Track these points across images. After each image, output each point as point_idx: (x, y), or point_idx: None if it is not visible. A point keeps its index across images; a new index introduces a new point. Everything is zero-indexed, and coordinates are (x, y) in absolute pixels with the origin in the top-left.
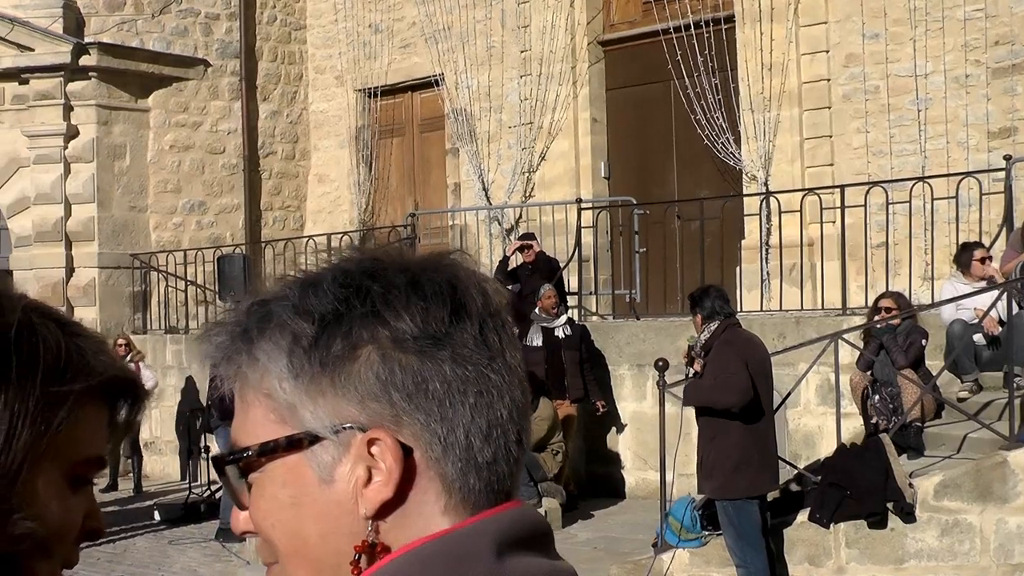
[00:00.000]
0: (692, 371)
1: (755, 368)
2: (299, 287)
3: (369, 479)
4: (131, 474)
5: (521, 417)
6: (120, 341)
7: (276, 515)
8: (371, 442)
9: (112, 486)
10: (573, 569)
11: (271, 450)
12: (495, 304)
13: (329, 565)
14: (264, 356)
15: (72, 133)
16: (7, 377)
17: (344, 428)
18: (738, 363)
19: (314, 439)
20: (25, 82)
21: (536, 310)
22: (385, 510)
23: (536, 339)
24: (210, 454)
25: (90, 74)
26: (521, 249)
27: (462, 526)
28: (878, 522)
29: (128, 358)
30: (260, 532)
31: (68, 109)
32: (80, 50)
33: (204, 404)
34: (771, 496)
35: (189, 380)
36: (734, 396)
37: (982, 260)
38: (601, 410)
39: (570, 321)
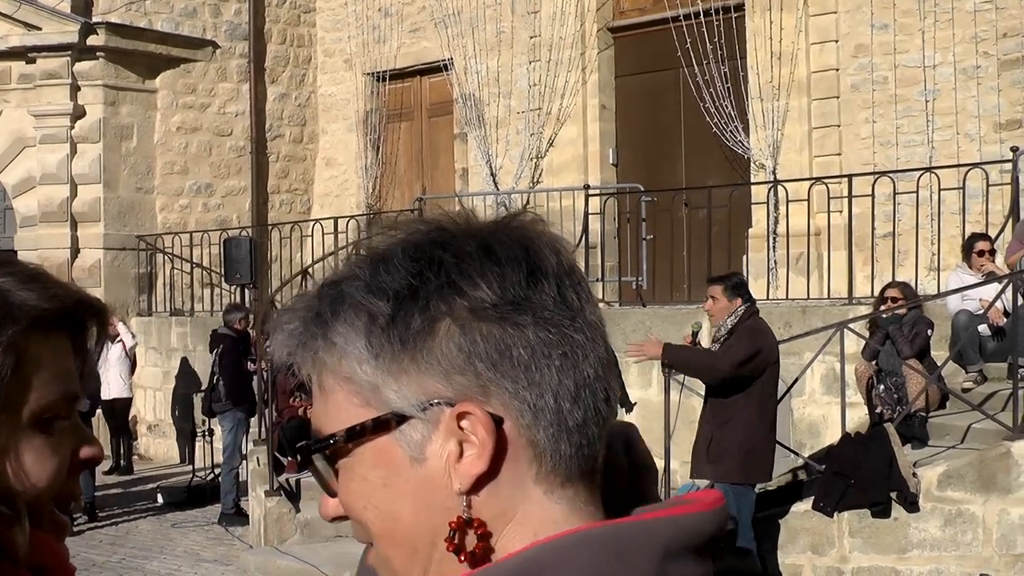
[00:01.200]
0: None
1: (772, 361)
2: (369, 265)
3: (461, 453)
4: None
5: (607, 374)
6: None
7: (369, 497)
8: (460, 416)
9: (115, 467)
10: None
11: (358, 434)
12: (568, 262)
13: (425, 543)
14: (341, 339)
15: (79, 113)
16: None
17: (431, 405)
18: (754, 350)
19: (401, 419)
20: (32, 61)
21: None
22: (480, 483)
23: None
24: (212, 436)
25: (98, 54)
26: None
27: (640, 519)
28: (881, 511)
29: (117, 338)
30: (353, 515)
31: (75, 89)
32: (88, 30)
33: (202, 387)
34: (775, 484)
35: (184, 362)
36: (724, 364)
37: (980, 253)
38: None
39: None
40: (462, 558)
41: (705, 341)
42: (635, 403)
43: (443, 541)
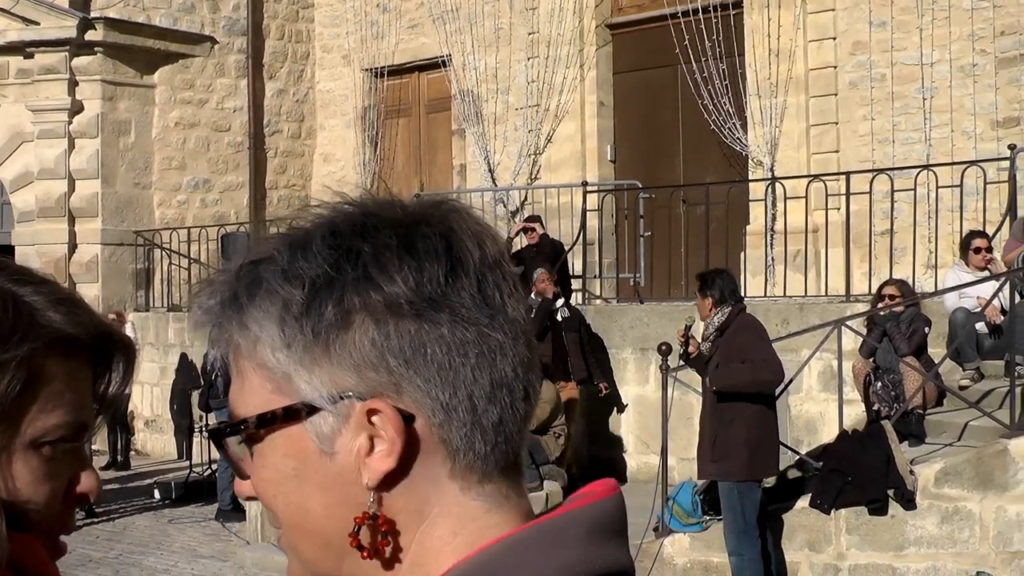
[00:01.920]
0: (685, 352)
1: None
2: (288, 248)
3: (372, 448)
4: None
5: (527, 372)
6: (110, 316)
7: (279, 486)
8: (371, 412)
9: (112, 463)
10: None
11: (269, 421)
12: (493, 255)
13: (337, 537)
14: (255, 325)
15: (77, 108)
16: None
17: (342, 398)
18: (767, 341)
19: (312, 410)
20: (30, 56)
21: (532, 295)
22: (389, 480)
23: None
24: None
25: (96, 49)
26: (524, 231)
27: (558, 513)
28: (879, 509)
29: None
30: (264, 502)
31: (73, 84)
32: (86, 25)
33: (200, 382)
34: (770, 482)
35: (183, 357)
36: (771, 374)
37: (976, 251)
38: (604, 391)
39: (567, 305)
40: (364, 554)
41: (698, 336)
42: (627, 405)
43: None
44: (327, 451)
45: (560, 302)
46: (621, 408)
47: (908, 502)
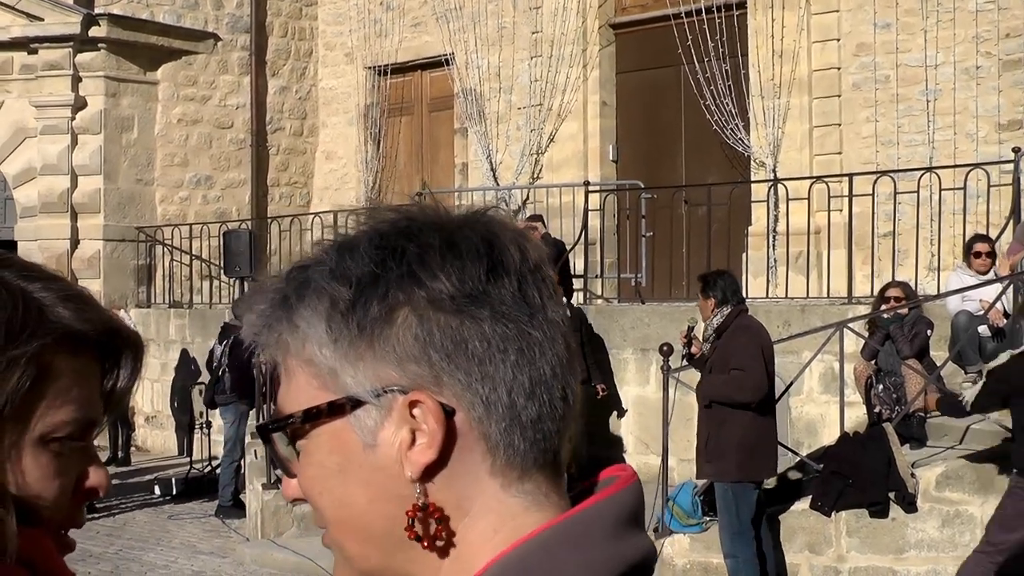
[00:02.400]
0: (688, 353)
1: (766, 356)
2: (336, 251)
3: (413, 441)
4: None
5: (566, 373)
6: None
7: (324, 482)
8: (412, 404)
9: (112, 458)
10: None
11: (314, 416)
12: (534, 259)
13: (378, 531)
14: (303, 322)
15: (80, 104)
16: None
17: (385, 391)
18: (755, 351)
19: (356, 403)
20: (34, 52)
21: None
22: (430, 472)
23: None
24: (211, 429)
25: (99, 45)
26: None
27: (583, 508)
28: (879, 511)
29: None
30: (310, 500)
31: (76, 80)
32: (90, 21)
33: (200, 379)
34: (771, 483)
35: (183, 354)
36: (750, 393)
37: (977, 255)
38: (601, 394)
39: (569, 305)
40: (425, 544)
41: (700, 337)
42: (627, 410)
43: (398, 530)
44: (370, 444)
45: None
46: (621, 412)
47: (909, 505)
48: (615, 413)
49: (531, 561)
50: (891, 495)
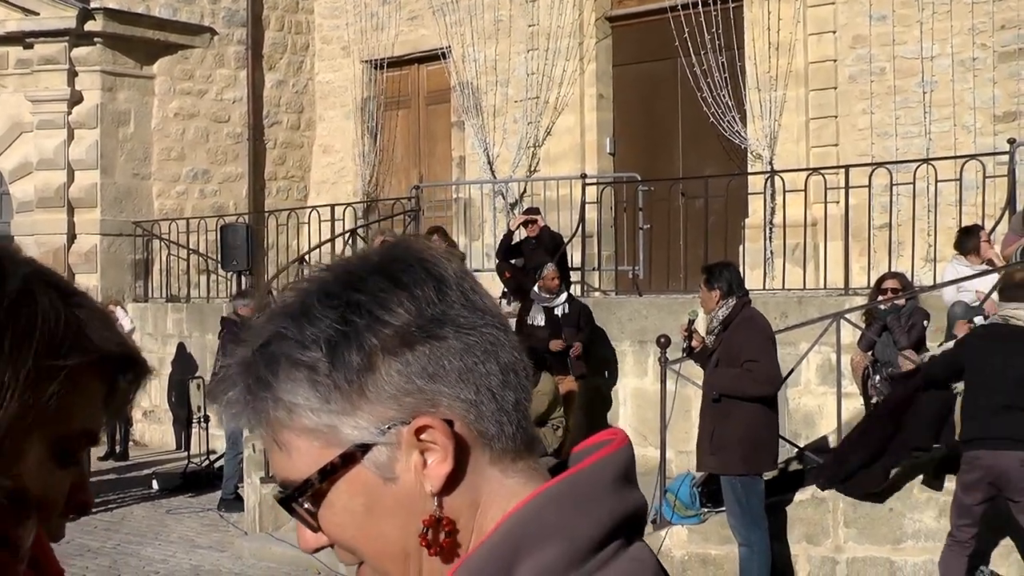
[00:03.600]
0: (688, 346)
1: (774, 347)
2: (292, 321)
3: (425, 461)
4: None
5: (520, 353)
6: (109, 307)
7: (355, 525)
8: (420, 430)
9: (111, 453)
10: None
11: (330, 472)
12: (460, 268)
13: (414, 547)
14: (288, 395)
15: (76, 99)
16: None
17: (389, 428)
18: (765, 343)
19: (365, 448)
20: (30, 46)
21: (536, 288)
22: (450, 482)
23: (539, 318)
24: (208, 423)
25: (95, 40)
26: (525, 224)
27: (585, 465)
28: (876, 500)
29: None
30: (342, 544)
31: (72, 74)
32: (86, 15)
33: (197, 374)
34: (770, 475)
35: (180, 347)
36: (766, 387)
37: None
38: (576, 352)
39: (570, 298)
40: (433, 551)
41: (701, 330)
42: (611, 400)
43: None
44: (390, 478)
45: (562, 298)
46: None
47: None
48: (614, 405)
49: (544, 513)
50: (936, 446)
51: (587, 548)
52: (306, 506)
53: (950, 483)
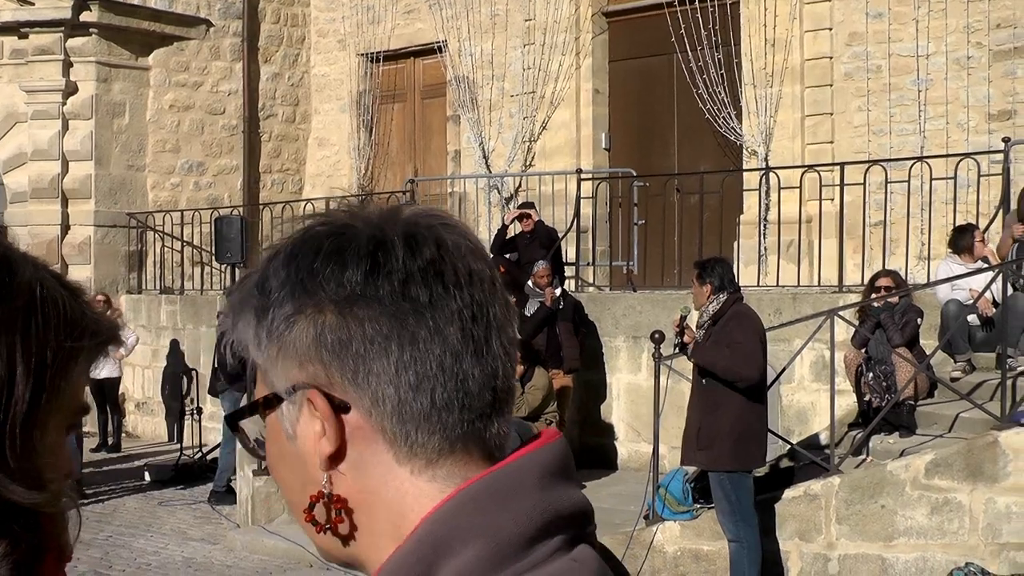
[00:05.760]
0: (680, 341)
1: (763, 343)
2: (265, 260)
3: (324, 433)
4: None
5: (463, 363)
6: (99, 298)
7: (272, 466)
8: (309, 401)
9: (103, 445)
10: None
11: (255, 409)
12: (428, 257)
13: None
14: (241, 330)
15: (71, 90)
16: (28, 331)
17: (295, 389)
18: (753, 337)
19: (279, 400)
20: (24, 36)
21: (530, 283)
22: (333, 461)
23: (533, 311)
24: (202, 415)
25: (91, 30)
26: (520, 218)
27: (508, 462)
28: (869, 497)
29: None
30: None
31: (67, 65)
32: (81, 6)
33: (188, 367)
34: (762, 471)
35: (174, 343)
36: (753, 371)
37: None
38: (552, 297)
39: (564, 294)
40: (317, 530)
41: (693, 326)
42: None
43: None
44: (291, 436)
45: (558, 291)
46: (603, 397)
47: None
48: (607, 400)
49: (462, 512)
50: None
51: (513, 547)
52: (254, 428)
53: (941, 481)
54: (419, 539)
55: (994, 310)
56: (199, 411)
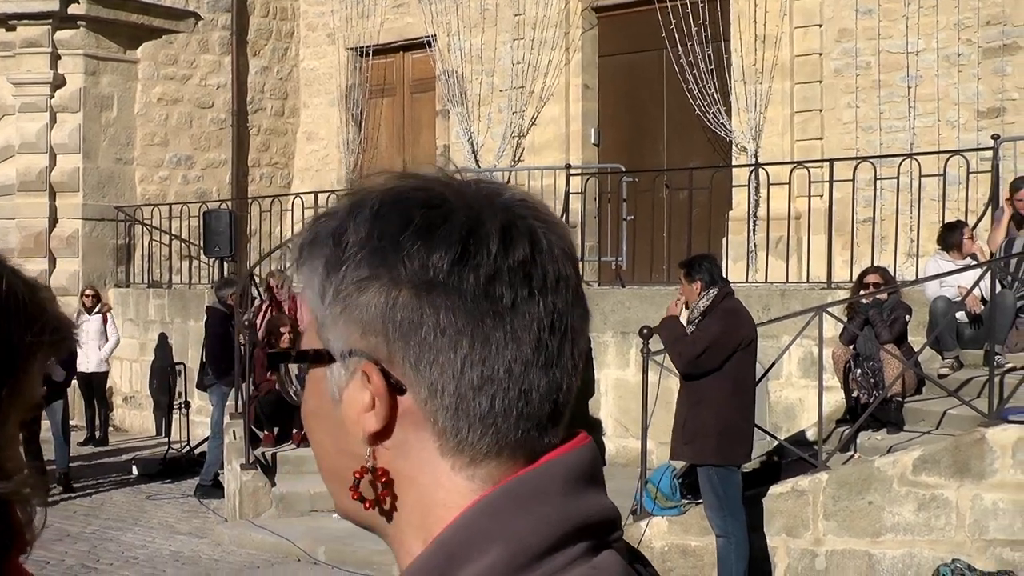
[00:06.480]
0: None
1: (747, 341)
2: (347, 208)
3: (373, 406)
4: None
5: (531, 372)
6: (88, 292)
7: (308, 420)
8: (365, 373)
9: (90, 438)
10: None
11: (303, 358)
12: (520, 256)
13: (344, 477)
14: (306, 275)
15: (59, 82)
16: None
17: (351, 354)
18: (721, 335)
19: (331, 358)
20: (12, 29)
21: None
22: (377, 439)
23: None
24: (189, 409)
25: (79, 23)
26: None
27: (532, 467)
28: (856, 493)
29: (96, 309)
30: (304, 421)
31: (55, 58)
32: None
33: (176, 361)
34: (749, 467)
35: (162, 337)
36: (682, 359)
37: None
38: None
39: None
40: (367, 506)
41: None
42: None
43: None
44: (335, 399)
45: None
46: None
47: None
48: (596, 396)
49: (481, 518)
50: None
51: (529, 555)
52: (295, 371)
53: (928, 477)
54: (436, 547)
55: (982, 307)
56: (187, 405)
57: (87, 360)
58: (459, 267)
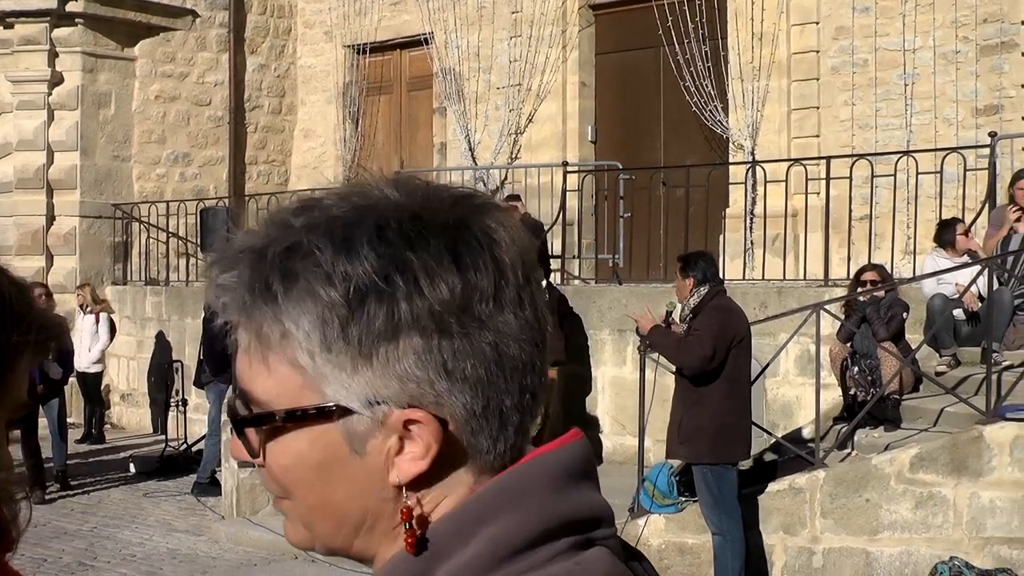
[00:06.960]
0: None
1: (739, 338)
2: (330, 244)
3: (401, 448)
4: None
5: (541, 375)
6: (80, 292)
7: (302, 472)
8: (409, 420)
9: (87, 436)
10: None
11: (298, 418)
12: (528, 263)
13: (353, 519)
14: (290, 322)
15: (57, 80)
16: None
17: (379, 403)
18: (720, 332)
19: (345, 412)
20: (10, 26)
21: None
22: (419, 481)
23: None
24: (187, 407)
25: (76, 21)
26: None
27: (521, 463)
28: (853, 491)
29: (89, 309)
30: (280, 482)
31: (53, 55)
32: None
33: (173, 358)
34: (746, 464)
35: (159, 335)
36: (695, 360)
37: (964, 233)
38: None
39: (549, 286)
40: (410, 541)
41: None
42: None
43: (374, 520)
44: (358, 451)
45: (543, 284)
46: (589, 391)
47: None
48: (593, 394)
49: (465, 515)
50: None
51: (511, 548)
52: (255, 432)
53: (925, 475)
54: (424, 537)
55: (980, 304)
56: (184, 403)
57: (81, 358)
58: (499, 294)
